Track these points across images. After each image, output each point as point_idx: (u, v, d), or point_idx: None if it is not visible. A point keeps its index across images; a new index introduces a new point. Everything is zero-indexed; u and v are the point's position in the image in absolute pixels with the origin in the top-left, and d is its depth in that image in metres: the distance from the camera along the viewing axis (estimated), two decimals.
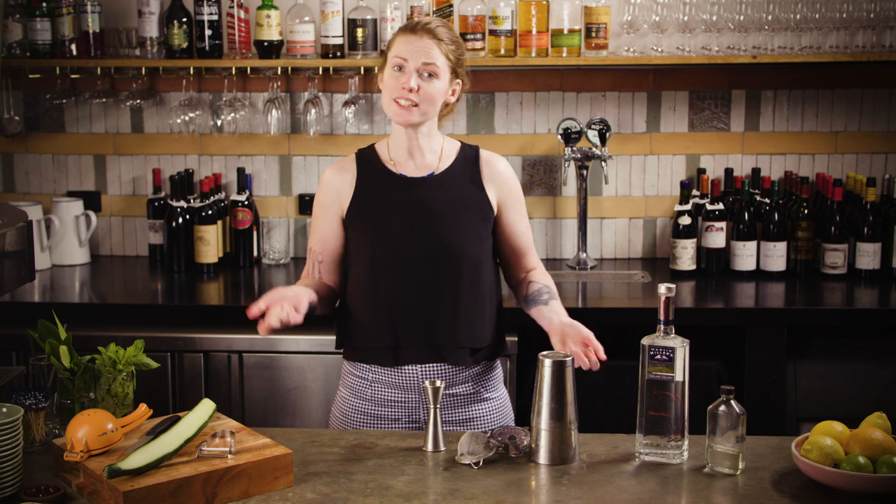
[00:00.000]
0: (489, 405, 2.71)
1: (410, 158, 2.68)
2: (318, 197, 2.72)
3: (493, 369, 2.74)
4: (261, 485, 2.13)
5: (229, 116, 4.03)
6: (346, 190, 2.68)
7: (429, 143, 2.68)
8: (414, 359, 2.62)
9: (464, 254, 2.62)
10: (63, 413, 2.40)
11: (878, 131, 4.09)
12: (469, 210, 2.66)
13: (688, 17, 3.86)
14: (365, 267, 2.64)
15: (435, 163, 2.69)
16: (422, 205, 2.64)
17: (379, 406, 2.67)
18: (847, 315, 3.50)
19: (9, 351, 3.41)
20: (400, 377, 2.64)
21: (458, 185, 2.67)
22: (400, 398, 2.66)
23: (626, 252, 4.18)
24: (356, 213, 2.66)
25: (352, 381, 2.70)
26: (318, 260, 2.71)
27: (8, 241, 2.87)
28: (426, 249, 2.61)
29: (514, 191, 2.73)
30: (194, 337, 3.45)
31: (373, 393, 2.67)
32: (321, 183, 2.73)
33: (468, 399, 2.68)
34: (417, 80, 2.57)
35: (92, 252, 4.20)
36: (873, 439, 2.15)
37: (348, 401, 2.70)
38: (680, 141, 4.12)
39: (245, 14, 3.91)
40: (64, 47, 3.94)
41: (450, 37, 2.63)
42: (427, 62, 2.57)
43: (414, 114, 2.59)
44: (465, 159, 2.71)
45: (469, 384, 2.67)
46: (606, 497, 2.12)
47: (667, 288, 2.27)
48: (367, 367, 2.67)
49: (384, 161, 2.69)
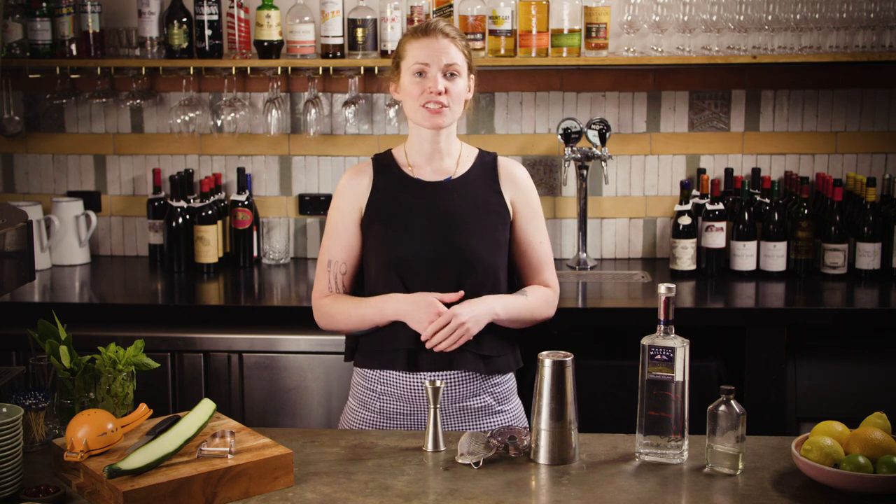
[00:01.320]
0: (502, 418, 2.68)
1: (429, 162, 2.67)
2: (337, 204, 2.68)
3: (507, 382, 2.71)
4: (261, 485, 2.13)
5: (229, 116, 4.03)
6: (363, 193, 2.67)
7: (448, 146, 2.67)
8: (428, 365, 2.59)
9: (480, 258, 2.61)
10: (63, 413, 2.40)
11: (878, 131, 4.09)
12: (487, 215, 2.65)
13: (688, 17, 3.86)
14: (381, 270, 2.62)
15: (453, 167, 2.68)
16: (439, 209, 2.63)
17: (387, 419, 2.64)
18: (847, 315, 3.50)
19: (9, 351, 3.41)
20: (410, 387, 2.61)
21: (476, 190, 2.66)
22: (408, 411, 2.63)
23: (626, 252, 4.18)
24: (373, 217, 2.65)
25: (361, 392, 2.68)
26: (340, 272, 2.66)
27: (8, 241, 2.87)
28: (443, 253, 2.60)
29: (531, 200, 2.72)
30: (194, 337, 3.45)
31: (381, 406, 2.65)
32: (338, 190, 2.70)
33: (482, 412, 2.65)
34: (444, 83, 2.57)
35: (92, 252, 4.20)
36: (873, 439, 2.15)
37: (357, 412, 2.69)
38: (680, 141, 4.12)
39: (245, 14, 3.91)
40: (64, 47, 3.94)
41: (460, 34, 2.65)
42: (449, 63, 2.58)
43: (446, 116, 2.59)
44: (483, 165, 2.71)
45: (482, 397, 2.65)
46: (606, 497, 2.12)
47: (667, 288, 2.27)
48: (378, 378, 2.64)
49: (401, 165, 2.69)
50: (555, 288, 2.74)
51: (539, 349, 2.38)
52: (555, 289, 2.74)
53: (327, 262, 2.68)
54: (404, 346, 2.59)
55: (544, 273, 2.72)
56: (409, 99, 2.60)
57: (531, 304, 2.66)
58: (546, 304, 2.70)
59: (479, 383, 2.63)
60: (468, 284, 2.59)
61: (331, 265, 2.67)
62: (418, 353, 2.59)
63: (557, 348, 2.40)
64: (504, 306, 2.60)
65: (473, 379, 2.62)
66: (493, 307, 2.58)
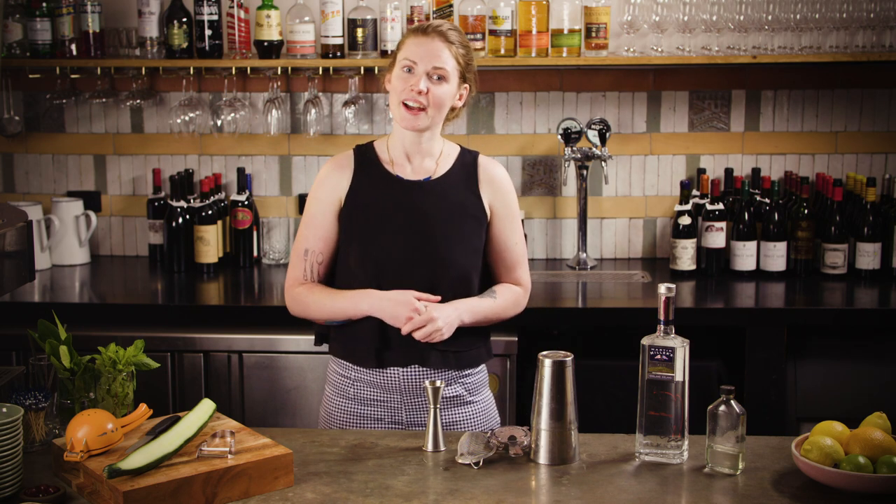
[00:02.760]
0: (472, 408, 2.70)
1: (409, 161, 2.67)
2: (316, 194, 2.69)
3: (477, 373, 2.72)
4: (261, 485, 2.13)
5: (229, 116, 4.03)
6: (343, 186, 2.67)
7: (429, 147, 2.67)
8: (396, 361, 2.62)
9: (453, 261, 2.62)
10: (63, 413, 2.40)
11: (878, 131, 4.09)
12: (463, 217, 2.65)
13: (688, 17, 3.86)
14: (353, 265, 2.63)
15: (433, 167, 2.68)
16: (416, 208, 2.63)
17: (362, 405, 2.67)
18: (847, 315, 3.50)
19: (9, 351, 3.41)
20: (382, 378, 2.64)
21: (454, 191, 2.66)
22: (382, 398, 2.65)
23: (626, 252, 4.18)
24: (351, 211, 2.65)
25: (336, 379, 2.71)
26: (317, 261, 2.68)
27: (8, 241, 2.87)
28: (416, 253, 2.60)
29: (508, 201, 2.71)
30: (194, 337, 3.45)
31: (356, 392, 2.67)
32: (318, 179, 2.70)
33: (451, 402, 2.67)
34: (427, 83, 2.56)
35: (92, 252, 4.20)
36: (873, 439, 2.15)
37: (333, 400, 2.71)
38: (680, 141, 4.12)
39: (245, 14, 3.91)
40: (64, 47, 3.94)
41: (460, 40, 2.62)
42: (437, 66, 2.57)
43: (422, 118, 2.58)
44: (463, 165, 2.70)
45: (453, 387, 2.66)
46: (606, 497, 2.12)
47: (667, 288, 2.27)
48: (351, 365, 2.66)
49: (382, 161, 2.69)
50: (526, 286, 2.76)
51: (539, 349, 2.38)
52: (526, 287, 2.76)
53: (304, 250, 2.68)
54: (373, 344, 2.61)
55: (517, 272, 2.74)
56: (393, 93, 2.61)
57: (499, 306, 2.68)
58: (515, 304, 2.72)
59: (451, 374, 2.66)
60: (441, 287, 2.61)
61: (307, 254, 2.68)
62: (386, 350, 2.61)
63: (557, 348, 2.40)
64: (471, 312, 2.62)
65: (442, 371, 2.65)
66: (461, 315, 2.60)
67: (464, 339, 2.64)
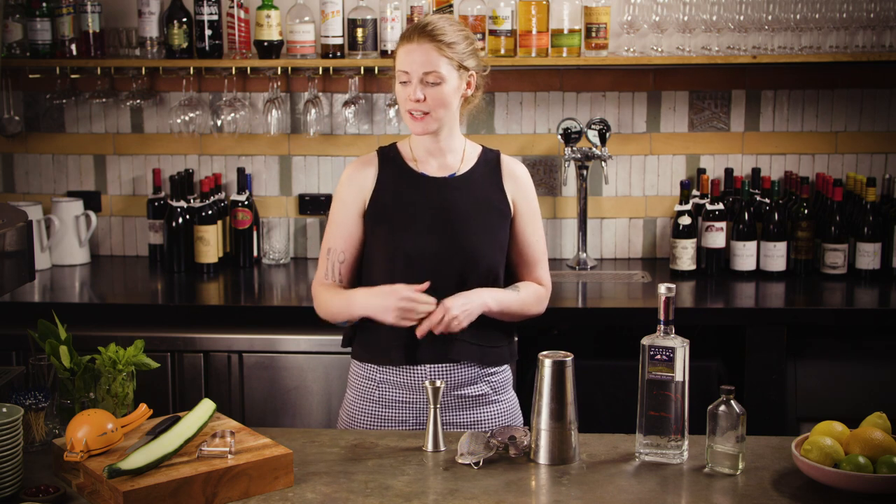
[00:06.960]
0: (498, 408, 2.70)
1: (432, 158, 2.68)
2: (340, 194, 2.69)
3: (503, 372, 2.73)
4: (261, 485, 2.13)
5: (229, 116, 4.03)
6: (368, 185, 2.67)
7: (450, 143, 2.68)
8: (426, 358, 2.62)
9: (482, 255, 2.62)
10: (63, 413, 2.40)
11: (878, 131, 4.09)
12: (490, 213, 2.66)
13: (688, 17, 3.86)
14: (382, 264, 2.63)
15: (457, 164, 2.69)
16: (442, 204, 2.64)
17: (386, 408, 2.66)
18: (847, 315, 3.50)
19: (9, 351, 3.41)
20: (409, 377, 2.63)
21: (479, 187, 2.68)
22: (407, 399, 2.64)
23: (626, 252, 4.18)
24: (376, 209, 2.65)
25: (358, 382, 2.70)
26: (339, 260, 2.67)
27: (8, 241, 2.87)
28: (444, 248, 2.61)
29: (531, 199, 2.74)
30: (194, 337, 3.45)
31: (380, 395, 2.66)
32: (342, 180, 2.70)
33: (477, 401, 2.67)
34: (422, 91, 2.57)
35: (92, 252, 4.20)
36: (873, 439, 2.15)
37: (355, 403, 2.70)
38: (680, 141, 4.12)
39: (245, 14, 3.91)
40: (64, 47, 3.94)
41: (451, 32, 2.59)
42: (427, 71, 2.56)
43: (428, 122, 2.60)
44: (486, 162, 2.72)
45: (478, 385, 2.67)
46: (606, 497, 2.12)
47: (667, 288, 2.27)
48: (376, 367, 2.66)
49: (406, 159, 2.69)
50: (547, 286, 2.77)
51: (539, 349, 2.38)
52: (547, 287, 2.77)
53: (327, 250, 2.69)
54: (401, 342, 2.60)
55: (538, 271, 2.75)
56: (399, 103, 2.64)
57: (523, 299, 2.68)
58: (537, 301, 2.73)
59: (477, 372, 2.65)
60: (470, 281, 2.61)
61: (329, 253, 2.69)
62: (415, 347, 2.60)
63: (557, 348, 2.40)
64: (496, 299, 2.62)
65: (471, 367, 2.64)
66: (485, 300, 2.60)
67: (490, 333, 2.65)
